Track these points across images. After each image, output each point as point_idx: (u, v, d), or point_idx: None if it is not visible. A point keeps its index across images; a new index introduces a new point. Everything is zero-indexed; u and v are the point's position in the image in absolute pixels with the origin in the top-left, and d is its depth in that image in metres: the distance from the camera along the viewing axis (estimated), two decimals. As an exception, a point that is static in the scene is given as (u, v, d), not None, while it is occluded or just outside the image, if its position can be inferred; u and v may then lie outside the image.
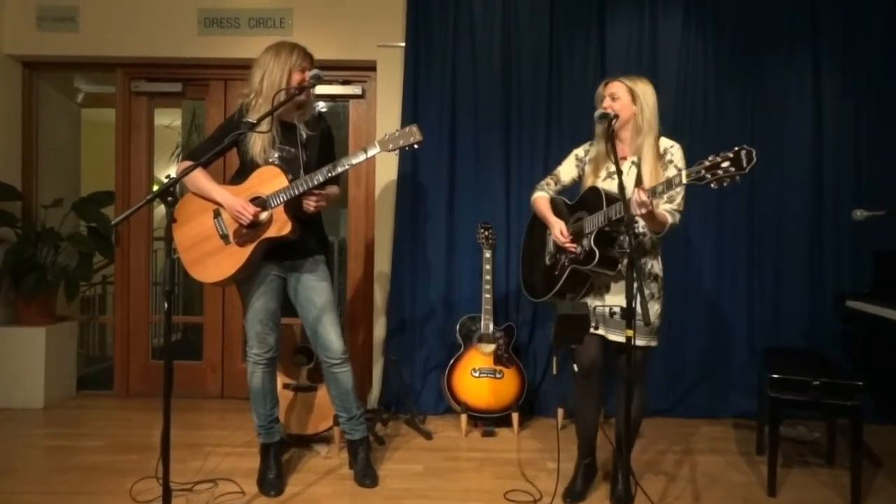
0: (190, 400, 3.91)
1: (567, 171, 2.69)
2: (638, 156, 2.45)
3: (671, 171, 2.38)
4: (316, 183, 2.48)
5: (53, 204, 3.93)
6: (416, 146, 2.52)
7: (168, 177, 2.11)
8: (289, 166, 2.55)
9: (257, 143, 2.54)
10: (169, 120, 5.62)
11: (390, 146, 2.50)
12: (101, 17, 3.90)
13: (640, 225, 2.42)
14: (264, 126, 2.41)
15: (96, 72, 4.30)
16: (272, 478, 2.69)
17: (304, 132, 2.64)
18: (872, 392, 3.50)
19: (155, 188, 3.96)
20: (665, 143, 2.48)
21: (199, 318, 4.21)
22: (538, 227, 2.75)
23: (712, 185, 2.05)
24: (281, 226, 2.49)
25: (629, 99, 2.45)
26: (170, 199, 2.00)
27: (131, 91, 4.08)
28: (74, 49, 3.92)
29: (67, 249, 3.99)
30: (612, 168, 2.49)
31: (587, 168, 2.61)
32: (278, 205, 2.49)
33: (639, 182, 2.38)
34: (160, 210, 2.09)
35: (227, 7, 3.89)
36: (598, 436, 2.66)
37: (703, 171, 2.06)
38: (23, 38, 3.92)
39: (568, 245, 2.48)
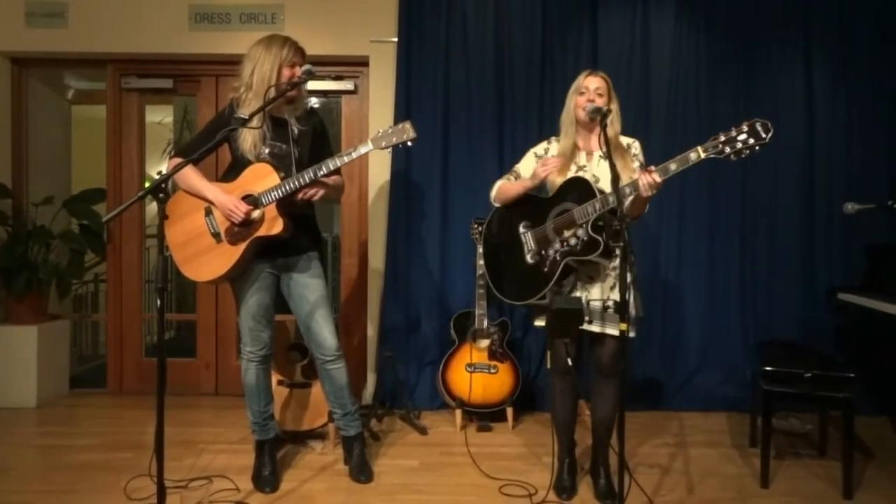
0: (184, 397, 3.90)
1: (526, 168, 2.64)
2: (608, 149, 2.45)
3: (636, 164, 2.49)
4: (308, 181, 2.46)
5: (44, 202, 3.91)
6: (409, 143, 2.51)
7: (159, 173, 2.10)
8: (280, 163, 2.54)
9: (247, 139, 2.52)
10: (160, 116, 5.60)
11: (383, 143, 2.49)
12: (91, 12, 3.87)
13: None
14: (255, 122, 2.40)
15: (86, 68, 4.27)
16: (267, 474, 2.68)
17: (295, 127, 2.62)
18: (864, 384, 3.52)
19: (147, 185, 3.94)
20: (625, 139, 2.56)
21: (193, 315, 4.20)
22: (503, 228, 2.65)
23: (731, 158, 2.13)
24: (273, 224, 2.48)
25: (608, 95, 2.50)
26: (161, 195, 1.99)
27: (122, 87, 4.05)
28: (64, 45, 3.89)
29: (59, 247, 3.97)
30: (582, 162, 2.54)
31: None
32: (270, 203, 2.47)
33: (614, 175, 2.38)
34: (152, 207, 2.08)
35: (218, 2, 3.87)
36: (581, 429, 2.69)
37: (720, 146, 2.12)
38: (11, 34, 3.88)
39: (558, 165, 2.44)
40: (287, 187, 2.46)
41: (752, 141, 2.08)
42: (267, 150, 2.55)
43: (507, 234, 2.62)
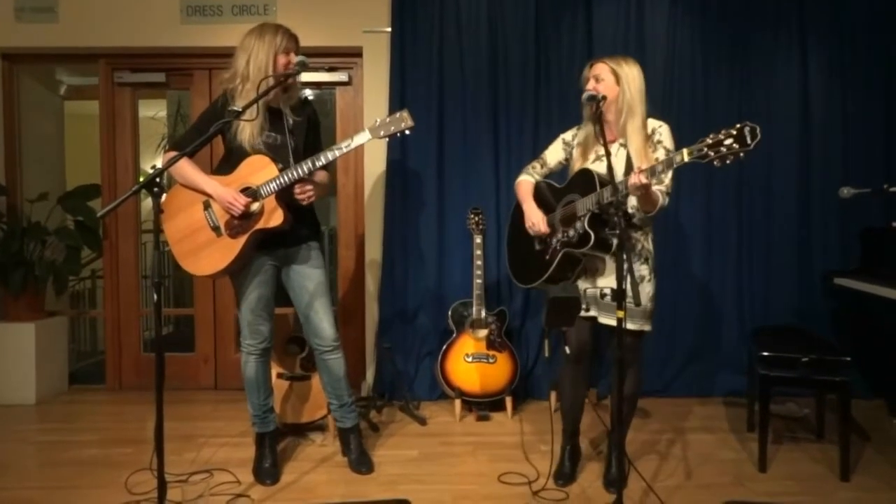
0: (183, 392, 3.91)
1: (554, 154, 2.68)
2: (624, 138, 2.44)
3: (660, 152, 2.39)
4: (306, 172, 2.46)
5: (39, 198, 3.89)
6: (407, 132, 2.50)
7: (154, 168, 2.09)
8: (276, 153, 2.53)
9: (246, 130, 2.50)
10: (154, 111, 5.57)
11: (381, 133, 2.48)
12: (82, 6, 3.84)
13: (630, 205, 2.42)
14: (251, 113, 2.38)
15: (78, 63, 4.23)
16: (267, 467, 2.69)
17: (290, 118, 2.61)
18: (860, 367, 3.54)
19: (141, 180, 3.93)
20: (653, 123, 2.46)
21: (191, 309, 4.20)
22: (522, 211, 2.71)
23: (715, 163, 2.05)
24: (272, 216, 2.47)
25: (613, 80, 2.44)
26: (156, 189, 1.98)
27: (114, 82, 4.02)
28: (55, 40, 3.86)
29: (55, 244, 3.95)
30: (602, 151, 2.48)
31: (575, 152, 2.60)
32: (269, 195, 2.47)
33: (629, 164, 2.38)
34: (148, 202, 2.08)
35: (210, -5, 3.84)
36: (586, 417, 2.71)
37: (705, 149, 2.06)
38: (1, 30, 3.84)
39: (542, 230, 2.54)
40: (286, 178, 2.45)
41: (736, 146, 2.01)
42: (262, 141, 2.54)
43: (524, 220, 2.68)
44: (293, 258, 2.68)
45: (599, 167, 2.44)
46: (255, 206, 2.47)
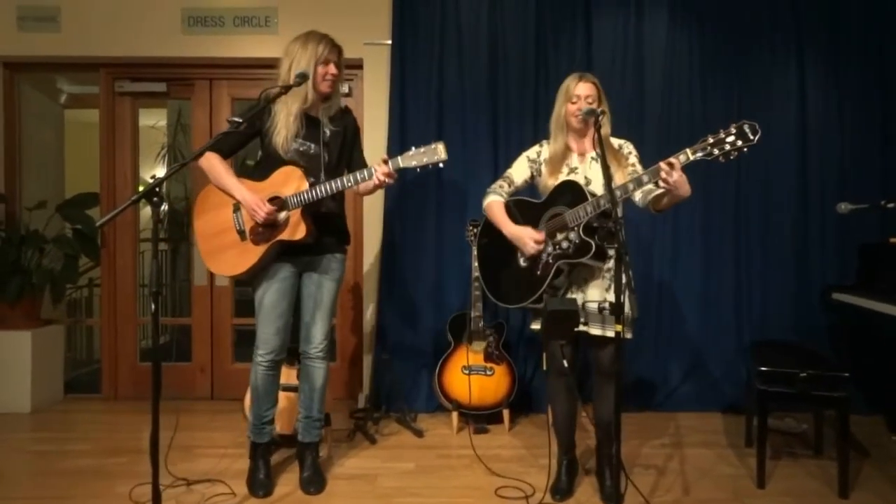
0: (179, 402, 3.88)
1: (520, 173, 2.68)
2: (602, 150, 2.47)
3: (632, 160, 2.52)
4: (334, 190, 2.48)
5: (37, 206, 3.89)
6: (440, 166, 2.49)
7: (153, 177, 2.10)
8: (308, 163, 2.55)
9: (280, 133, 2.52)
10: (154, 120, 5.58)
11: (413, 163, 2.48)
12: (83, 16, 3.86)
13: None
14: (289, 123, 2.44)
15: (79, 72, 4.25)
16: (262, 478, 2.67)
17: (327, 129, 2.63)
18: (859, 383, 3.54)
19: (141, 189, 3.93)
20: (616, 140, 2.58)
21: (188, 319, 4.18)
22: (496, 232, 2.64)
23: (720, 160, 2.14)
24: (297, 229, 2.49)
25: (599, 99, 2.52)
26: (155, 199, 1.98)
27: (115, 91, 4.04)
28: (56, 49, 3.88)
29: (52, 252, 3.95)
30: (574, 164, 2.57)
31: (544, 168, 2.60)
32: (296, 207, 2.48)
33: (607, 176, 2.39)
34: (146, 211, 2.07)
35: (212, 6, 3.86)
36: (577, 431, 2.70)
37: (708, 147, 2.14)
38: (3, 39, 3.87)
39: (541, 238, 2.47)
40: (314, 194, 2.46)
41: (739, 143, 2.09)
42: (295, 147, 2.56)
43: (500, 239, 2.63)
44: (315, 267, 2.68)
45: (576, 180, 2.48)
46: (281, 216, 2.49)
